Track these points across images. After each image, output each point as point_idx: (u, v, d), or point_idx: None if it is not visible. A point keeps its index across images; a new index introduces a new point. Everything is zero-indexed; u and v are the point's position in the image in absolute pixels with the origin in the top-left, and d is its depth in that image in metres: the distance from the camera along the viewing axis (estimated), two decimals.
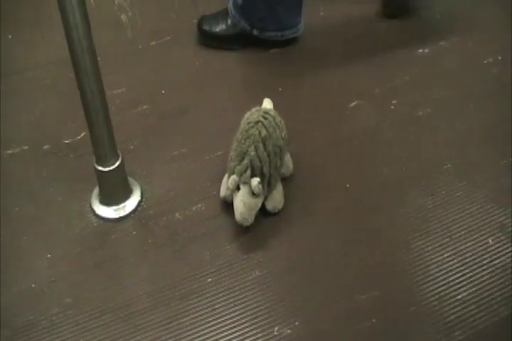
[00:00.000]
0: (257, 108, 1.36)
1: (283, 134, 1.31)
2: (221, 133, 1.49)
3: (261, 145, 1.24)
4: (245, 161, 1.22)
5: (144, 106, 1.63)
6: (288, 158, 1.37)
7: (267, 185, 1.25)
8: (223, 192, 1.31)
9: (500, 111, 1.56)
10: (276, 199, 1.30)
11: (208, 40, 1.81)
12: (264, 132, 1.26)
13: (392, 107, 1.60)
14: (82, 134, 1.54)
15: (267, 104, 1.41)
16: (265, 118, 1.29)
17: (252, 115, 1.31)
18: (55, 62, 1.74)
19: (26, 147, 1.53)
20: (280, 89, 1.66)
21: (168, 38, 1.87)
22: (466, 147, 1.47)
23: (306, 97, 1.64)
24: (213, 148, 1.48)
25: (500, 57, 1.74)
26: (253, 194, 1.21)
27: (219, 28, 1.79)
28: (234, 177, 1.22)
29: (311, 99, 1.63)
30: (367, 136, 1.52)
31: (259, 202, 1.24)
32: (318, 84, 1.68)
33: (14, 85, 1.70)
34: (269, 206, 1.29)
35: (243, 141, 1.25)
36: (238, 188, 1.23)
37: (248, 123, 1.28)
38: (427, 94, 1.63)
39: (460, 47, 1.77)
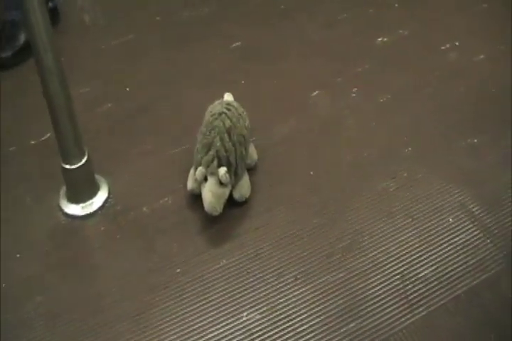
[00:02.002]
0: (220, 100, 1.38)
1: (246, 124, 1.34)
2: (185, 127, 1.51)
3: (226, 135, 1.26)
4: (211, 152, 1.24)
5: (109, 104, 1.64)
6: (252, 149, 1.40)
7: (234, 174, 1.27)
8: (190, 184, 1.33)
9: (457, 96, 1.60)
10: (244, 188, 1.32)
11: None
12: (228, 123, 1.28)
13: (354, 95, 1.63)
14: (48, 135, 1.55)
15: (228, 97, 1.43)
16: (228, 110, 1.32)
17: (215, 107, 1.34)
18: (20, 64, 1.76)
19: None
20: (243, 81, 1.69)
21: (131, 36, 1.89)
22: (425, 131, 1.51)
23: (268, 88, 1.66)
24: (178, 143, 1.50)
25: (457, 43, 1.78)
26: (221, 183, 1.23)
27: None
28: (201, 168, 1.24)
29: (273, 90, 1.66)
30: (328, 124, 1.55)
31: (226, 191, 1.26)
32: (280, 76, 1.70)
33: None
34: (237, 195, 1.31)
35: (208, 133, 1.27)
36: (206, 179, 1.25)
37: (212, 115, 1.31)
38: (386, 81, 1.66)
39: (418, 35, 1.81)
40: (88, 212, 1.36)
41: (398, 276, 1.19)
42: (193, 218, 1.31)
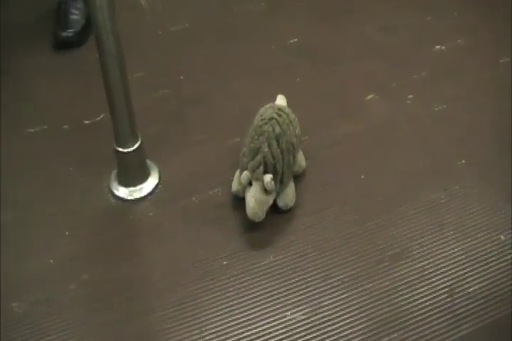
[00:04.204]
0: (271, 104, 1.35)
1: (296, 131, 1.31)
2: (239, 120, 1.50)
3: (274, 142, 1.24)
4: (258, 157, 1.22)
5: (164, 91, 1.65)
6: (300, 156, 1.37)
7: (280, 182, 1.25)
8: (235, 186, 1.31)
9: None
10: (288, 197, 1.30)
11: None
12: (278, 129, 1.25)
13: (408, 102, 1.61)
14: (102, 115, 1.56)
15: (281, 100, 1.41)
16: (279, 115, 1.28)
17: (266, 111, 1.30)
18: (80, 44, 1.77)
19: (46, 126, 1.55)
20: (298, 79, 1.68)
21: (187, 24, 1.89)
22: (481, 144, 1.49)
23: (323, 88, 1.65)
24: (231, 135, 1.50)
25: None
26: (265, 190, 1.21)
27: None
28: (246, 172, 1.22)
29: (327, 90, 1.65)
30: (382, 129, 1.53)
31: (270, 198, 1.24)
32: (336, 77, 1.69)
33: (37, 65, 1.72)
34: (281, 203, 1.29)
35: (256, 137, 1.25)
36: (250, 184, 1.23)
37: (262, 119, 1.28)
38: (442, 90, 1.65)
39: (477, 45, 1.79)
40: (138, 197, 1.37)
41: (446, 289, 1.19)
42: (241, 212, 1.31)
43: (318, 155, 1.45)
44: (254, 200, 1.22)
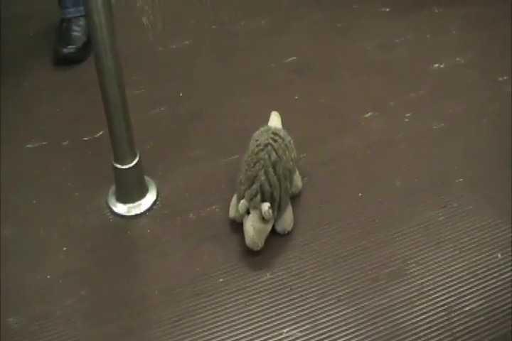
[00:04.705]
0: (266, 127, 1.33)
1: (292, 155, 1.30)
2: (237, 136, 1.51)
3: (271, 169, 1.22)
4: (255, 186, 1.21)
5: (162, 108, 1.66)
6: (297, 177, 1.36)
7: (277, 209, 1.24)
8: (232, 213, 1.31)
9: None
10: (286, 222, 1.30)
11: None
12: (274, 156, 1.24)
13: (406, 120, 1.62)
14: (101, 132, 1.57)
15: (275, 117, 1.40)
16: (275, 141, 1.26)
17: (260, 136, 1.28)
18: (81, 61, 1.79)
19: (45, 142, 1.56)
20: (296, 97, 1.69)
21: (188, 42, 1.90)
22: (479, 161, 1.49)
23: (321, 106, 1.66)
24: (229, 152, 1.50)
25: None
26: (263, 219, 1.21)
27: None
28: (244, 202, 1.22)
29: (325, 108, 1.66)
30: (380, 147, 1.54)
31: (268, 226, 1.24)
32: (334, 94, 1.70)
33: (38, 81, 1.74)
34: (279, 228, 1.29)
35: (252, 165, 1.23)
36: (248, 212, 1.23)
37: (257, 145, 1.26)
38: (440, 109, 1.65)
39: (475, 64, 1.80)
40: (136, 213, 1.37)
41: (444, 307, 1.18)
42: (239, 228, 1.31)
43: (315, 173, 1.45)
44: (253, 229, 1.22)
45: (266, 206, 1.20)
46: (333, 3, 2.06)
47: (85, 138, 1.57)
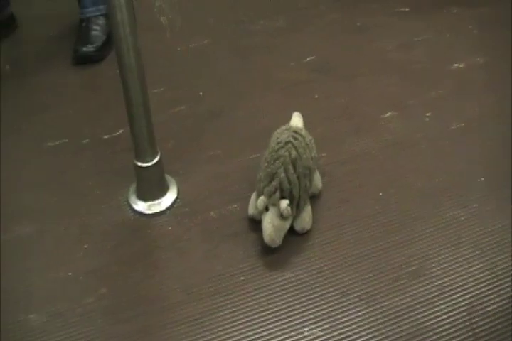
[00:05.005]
0: (287, 126, 1.34)
1: (313, 154, 1.30)
2: (257, 135, 1.51)
3: (291, 166, 1.22)
4: (274, 183, 1.21)
5: (182, 107, 1.67)
6: (317, 177, 1.35)
7: (296, 207, 1.24)
8: (251, 210, 1.31)
9: None
10: (305, 221, 1.29)
11: None
12: (294, 153, 1.24)
13: (427, 119, 1.61)
14: (121, 131, 1.58)
15: (296, 117, 1.40)
16: (295, 139, 1.26)
17: (281, 134, 1.28)
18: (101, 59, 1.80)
19: (66, 140, 1.57)
20: (316, 96, 1.69)
21: (206, 41, 1.91)
22: (500, 162, 1.48)
23: (341, 105, 1.66)
24: (248, 151, 1.50)
25: None
26: (282, 216, 1.21)
27: None
28: (262, 198, 1.21)
29: (345, 107, 1.66)
30: (400, 147, 1.53)
31: (287, 224, 1.23)
32: (353, 94, 1.70)
33: (58, 80, 1.75)
34: (298, 227, 1.29)
35: (272, 162, 1.23)
36: (266, 209, 1.22)
37: (278, 143, 1.26)
38: (460, 108, 1.64)
39: (495, 64, 1.79)
40: (156, 211, 1.38)
41: (465, 308, 1.17)
42: (258, 227, 1.31)
43: (335, 172, 1.45)
44: (271, 226, 1.22)
45: (284, 203, 1.20)
46: (351, 2, 2.06)
47: (105, 137, 1.58)
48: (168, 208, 1.38)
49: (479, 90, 1.70)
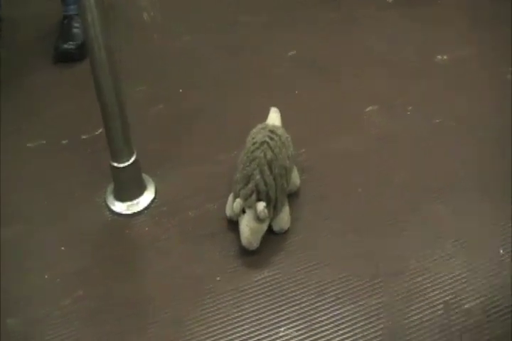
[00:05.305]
0: (263, 125, 1.32)
1: (289, 152, 1.28)
2: (236, 134, 1.49)
3: (266, 168, 1.21)
4: (250, 185, 1.19)
5: (162, 105, 1.65)
6: (295, 174, 1.34)
7: (273, 208, 1.23)
8: (228, 212, 1.30)
9: None
10: (283, 221, 1.28)
11: None
12: (269, 154, 1.22)
13: (408, 113, 1.60)
14: (99, 130, 1.56)
15: (274, 113, 1.39)
16: (271, 139, 1.25)
17: (257, 134, 1.27)
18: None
19: (45, 141, 1.56)
20: (297, 91, 1.68)
21: (189, 38, 1.89)
22: (482, 158, 1.47)
23: (322, 100, 1.65)
24: (228, 149, 1.49)
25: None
26: (258, 219, 1.19)
27: None
28: (239, 200, 1.20)
29: (326, 102, 1.64)
30: (381, 141, 1.52)
31: (264, 226, 1.22)
32: (335, 88, 1.69)
33: (37, 79, 1.74)
34: (276, 227, 1.28)
35: (248, 163, 1.22)
36: (244, 211, 1.21)
37: (253, 143, 1.24)
38: (443, 102, 1.63)
39: (479, 56, 1.77)
40: (134, 211, 1.37)
41: (442, 305, 1.17)
42: (237, 227, 1.30)
43: (314, 169, 1.44)
44: (248, 229, 1.20)
45: (261, 205, 1.19)
46: None
47: (84, 137, 1.57)
48: (145, 208, 1.38)
49: (462, 84, 1.69)
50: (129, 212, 1.37)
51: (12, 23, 1.96)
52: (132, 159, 1.33)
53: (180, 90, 1.70)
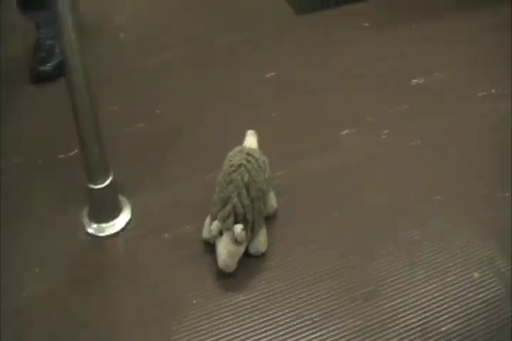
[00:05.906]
0: (240, 147, 1.33)
1: (266, 176, 1.29)
2: (214, 155, 1.48)
3: (244, 191, 1.21)
4: (228, 207, 1.19)
5: (139, 125, 1.65)
6: (272, 197, 1.34)
7: (251, 230, 1.22)
8: (205, 234, 1.29)
9: (490, 147, 1.57)
10: (260, 243, 1.28)
11: None
12: (246, 177, 1.22)
13: (384, 136, 1.62)
14: (76, 150, 1.55)
15: (250, 136, 1.39)
16: (248, 161, 1.25)
17: (234, 157, 1.28)
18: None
19: (21, 160, 1.54)
20: (274, 114, 1.69)
21: (164, 57, 1.89)
22: (457, 180, 1.49)
23: (299, 122, 1.66)
24: (205, 170, 1.49)
25: (493, 91, 1.76)
26: (236, 241, 1.19)
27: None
28: (216, 223, 1.20)
29: (303, 124, 1.65)
30: (356, 165, 1.53)
31: (242, 248, 1.22)
32: (313, 110, 1.70)
33: (13, 99, 1.72)
34: (253, 250, 1.27)
35: (225, 186, 1.22)
36: (221, 233, 1.21)
37: (231, 166, 1.25)
38: (418, 125, 1.65)
39: (455, 79, 1.80)
40: (110, 233, 1.36)
41: (418, 329, 1.17)
42: (213, 249, 1.30)
43: (291, 191, 1.44)
44: (226, 252, 1.20)
45: (239, 228, 1.18)
46: (313, 18, 2.06)
47: (61, 156, 1.55)
48: (121, 230, 1.36)
49: (438, 107, 1.71)
50: (104, 234, 1.36)
51: None
52: (108, 181, 1.32)
53: (157, 111, 1.70)
